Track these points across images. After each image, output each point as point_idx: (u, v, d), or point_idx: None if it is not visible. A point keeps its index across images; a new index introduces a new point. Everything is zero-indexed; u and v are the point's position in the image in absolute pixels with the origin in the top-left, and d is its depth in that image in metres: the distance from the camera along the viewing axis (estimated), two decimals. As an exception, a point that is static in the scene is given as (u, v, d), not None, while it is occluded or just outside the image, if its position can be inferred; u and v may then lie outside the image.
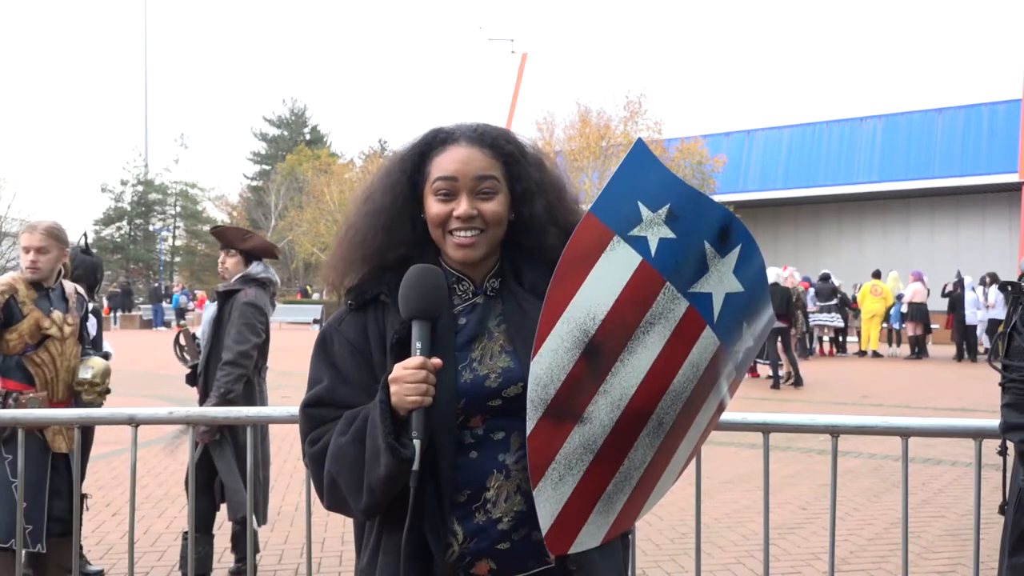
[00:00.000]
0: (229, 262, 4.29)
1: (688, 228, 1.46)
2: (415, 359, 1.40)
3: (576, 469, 1.43)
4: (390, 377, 1.42)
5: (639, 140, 1.45)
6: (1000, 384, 1.57)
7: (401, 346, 1.48)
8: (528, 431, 1.39)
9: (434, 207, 1.54)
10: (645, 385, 1.46)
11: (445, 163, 1.54)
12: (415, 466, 1.37)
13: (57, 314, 3.64)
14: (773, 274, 13.12)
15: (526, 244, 1.58)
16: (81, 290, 3.97)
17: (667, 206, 1.44)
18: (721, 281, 1.50)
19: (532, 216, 1.57)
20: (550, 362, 1.40)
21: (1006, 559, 1.65)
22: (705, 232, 1.48)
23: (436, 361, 1.42)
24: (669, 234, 1.44)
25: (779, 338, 12.62)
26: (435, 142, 1.58)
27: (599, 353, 1.42)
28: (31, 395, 3.51)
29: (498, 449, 1.49)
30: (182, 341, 4.41)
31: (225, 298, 4.20)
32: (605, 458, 1.45)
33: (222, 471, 4.02)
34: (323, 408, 1.53)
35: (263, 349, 4.23)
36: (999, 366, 1.55)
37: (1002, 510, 1.69)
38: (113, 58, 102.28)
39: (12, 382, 3.53)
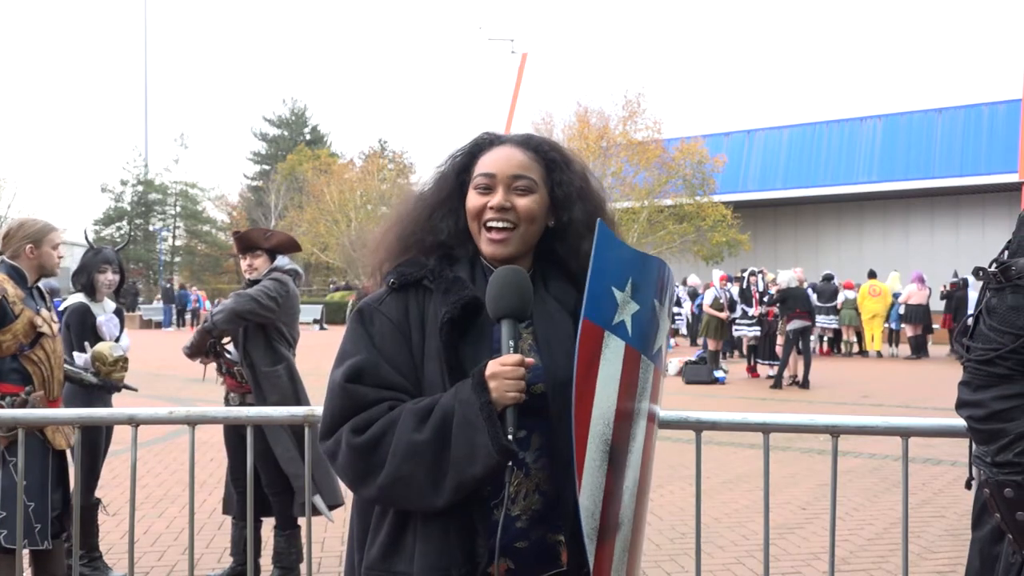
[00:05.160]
0: (256, 262, 4.29)
1: (645, 293, 1.53)
2: (513, 356, 1.44)
3: (620, 572, 1.50)
4: (488, 373, 1.44)
5: (600, 222, 1.47)
6: (961, 363, 1.62)
7: (452, 325, 1.51)
8: (591, 565, 1.42)
9: (472, 199, 1.61)
10: (644, 459, 1.55)
11: (487, 161, 1.62)
12: (511, 462, 1.43)
13: (45, 312, 3.63)
14: (789, 277, 13.17)
15: (561, 251, 1.64)
16: (41, 286, 3.95)
17: (630, 280, 1.50)
18: (664, 327, 1.60)
19: (571, 220, 1.63)
20: (591, 488, 1.42)
21: (972, 533, 1.69)
22: (652, 290, 1.55)
23: (531, 360, 1.47)
24: (636, 307, 1.50)
25: (800, 338, 12.64)
26: (484, 143, 1.67)
27: (617, 454, 1.47)
28: (34, 395, 3.49)
29: (519, 447, 1.50)
30: (230, 351, 4.33)
31: (251, 286, 4.23)
32: (634, 548, 1.55)
33: (281, 457, 4.01)
34: (365, 386, 1.52)
35: (285, 333, 4.23)
36: (964, 346, 1.61)
37: (968, 485, 1.72)
38: (113, 58, 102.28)
39: (8, 385, 3.50)
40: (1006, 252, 1.60)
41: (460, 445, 1.41)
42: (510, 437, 1.41)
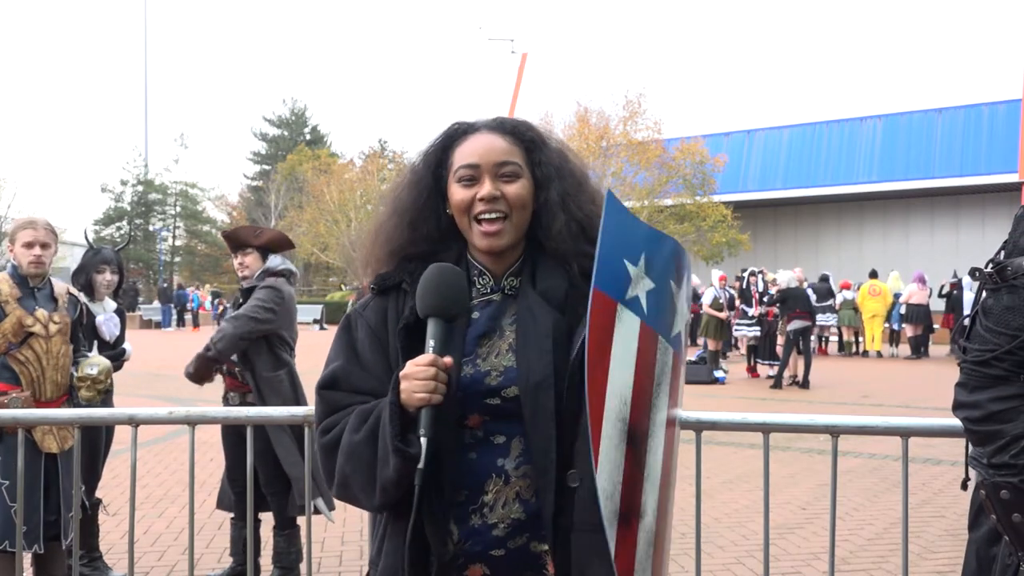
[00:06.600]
0: (248, 260, 4.28)
1: (660, 272, 1.45)
2: (426, 356, 1.40)
3: (646, 567, 1.41)
4: (401, 374, 1.42)
5: (609, 192, 1.41)
6: (958, 364, 1.61)
7: (407, 331, 1.49)
8: (612, 553, 1.34)
9: (458, 193, 1.55)
10: (666, 449, 1.47)
11: (467, 151, 1.56)
12: (421, 464, 1.36)
13: (41, 312, 3.60)
14: (789, 277, 13.18)
15: (539, 234, 1.57)
16: (74, 290, 3.95)
17: (643, 255, 1.42)
18: (682, 315, 1.51)
19: (546, 201, 1.56)
20: (608, 469, 1.34)
21: (969, 534, 1.69)
22: (668, 271, 1.47)
23: (447, 360, 1.42)
24: (651, 284, 1.43)
25: (800, 338, 12.64)
26: (456, 134, 1.60)
27: (636, 436, 1.39)
28: (14, 395, 3.46)
29: (498, 453, 1.47)
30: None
31: (246, 296, 4.21)
32: (659, 543, 1.45)
33: (284, 460, 4.01)
34: (337, 392, 1.54)
35: (286, 338, 4.23)
36: (961, 347, 1.60)
37: (964, 485, 1.72)
38: (113, 58, 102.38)
39: (0, 383, 3.51)
40: (1002, 252, 1.60)
41: (380, 447, 1.41)
42: (422, 440, 1.37)
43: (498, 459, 1.47)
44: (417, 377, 1.38)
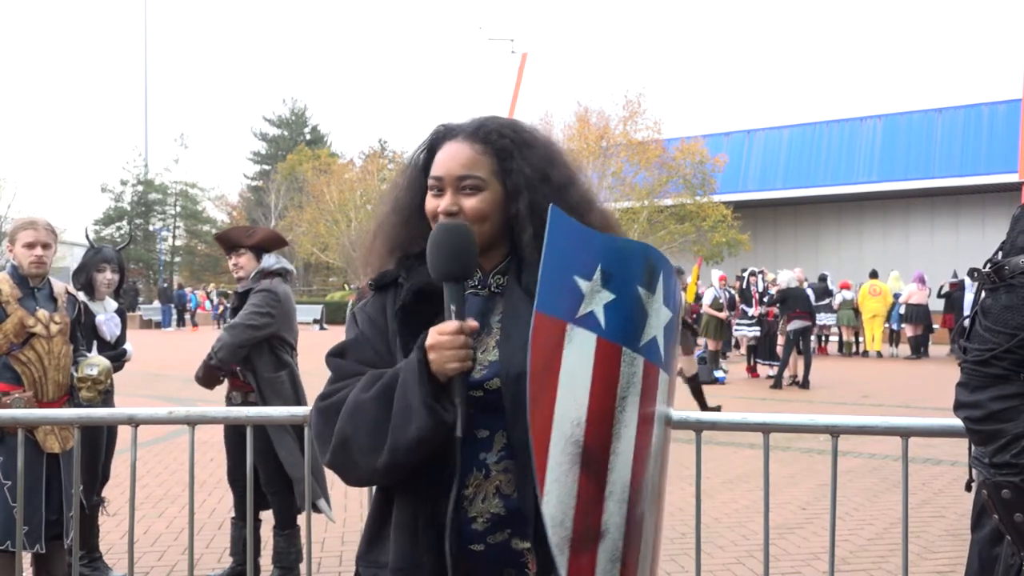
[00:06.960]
0: (242, 260, 4.28)
1: (621, 281, 1.43)
2: (451, 324, 1.39)
3: None
4: (428, 343, 1.40)
5: (553, 208, 1.39)
6: (959, 364, 1.62)
7: (404, 313, 1.52)
8: None
9: (428, 202, 1.58)
10: (637, 461, 1.44)
11: (437, 162, 1.57)
12: (459, 432, 1.36)
13: (42, 312, 3.60)
14: (789, 277, 13.19)
15: (515, 241, 1.58)
16: (72, 290, 3.95)
17: (599, 268, 1.40)
18: (659, 318, 1.48)
19: (516, 213, 1.55)
20: (557, 495, 1.32)
21: (972, 535, 1.69)
22: (635, 276, 1.45)
23: (473, 324, 1.41)
24: (610, 296, 1.41)
25: (800, 338, 12.64)
26: (438, 138, 1.62)
27: (593, 457, 1.37)
28: (16, 395, 3.47)
29: (480, 447, 1.48)
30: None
31: (242, 300, 4.20)
32: (629, 558, 1.43)
33: (285, 461, 4.01)
34: (346, 361, 1.56)
35: (287, 339, 4.23)
36: (962, 348, 1.60)
37: (968, 487, 1.72)
38: (113, 58, 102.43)
39: (1, 383, 3.51)
40: (1000, 252, 1.60)
41: (398, 407, 1.40)
42: (458, 407, 1.37)
43: (480, 453, 1.47)
44: (447, 347, 1.38)
